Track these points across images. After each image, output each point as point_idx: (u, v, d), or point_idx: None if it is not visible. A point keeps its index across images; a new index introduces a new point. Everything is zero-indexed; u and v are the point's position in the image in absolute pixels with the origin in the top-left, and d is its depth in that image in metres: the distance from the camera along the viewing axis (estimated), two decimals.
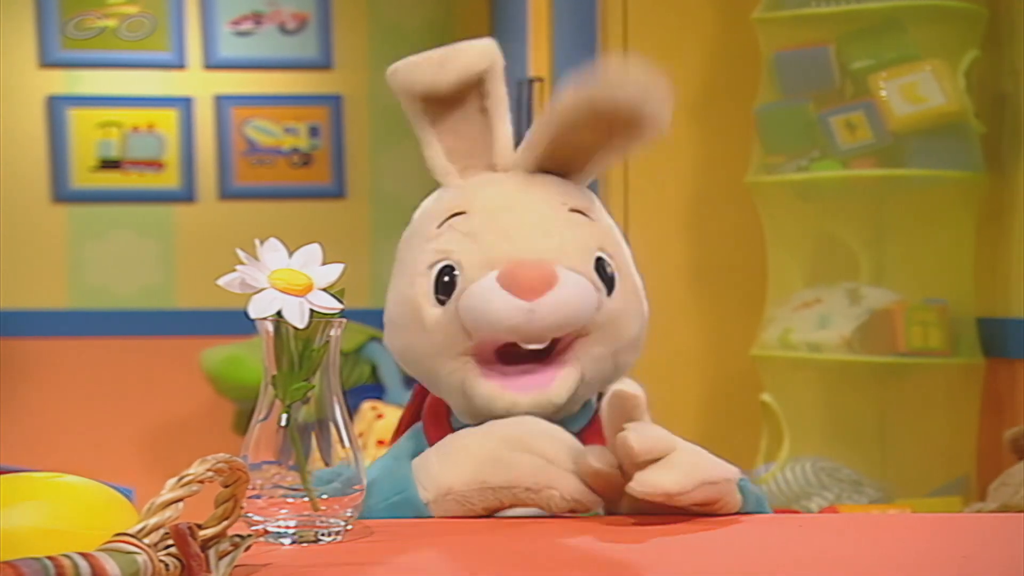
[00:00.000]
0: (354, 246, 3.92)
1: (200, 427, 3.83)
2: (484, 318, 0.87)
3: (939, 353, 2.34)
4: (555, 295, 0.86)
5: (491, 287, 0.86)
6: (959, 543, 0.84)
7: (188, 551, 0.64)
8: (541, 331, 0.87)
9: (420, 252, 0.93)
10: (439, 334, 0.90)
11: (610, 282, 0.91)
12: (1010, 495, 1.99)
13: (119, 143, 3.88)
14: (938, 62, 2.29)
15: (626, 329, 0.92)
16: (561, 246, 0.89)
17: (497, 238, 0.89)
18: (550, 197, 0.92)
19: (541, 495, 0.85)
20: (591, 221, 0.93)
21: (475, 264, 0.89)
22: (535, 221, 0.90)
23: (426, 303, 0.91)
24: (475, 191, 0.94)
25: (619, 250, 0.94)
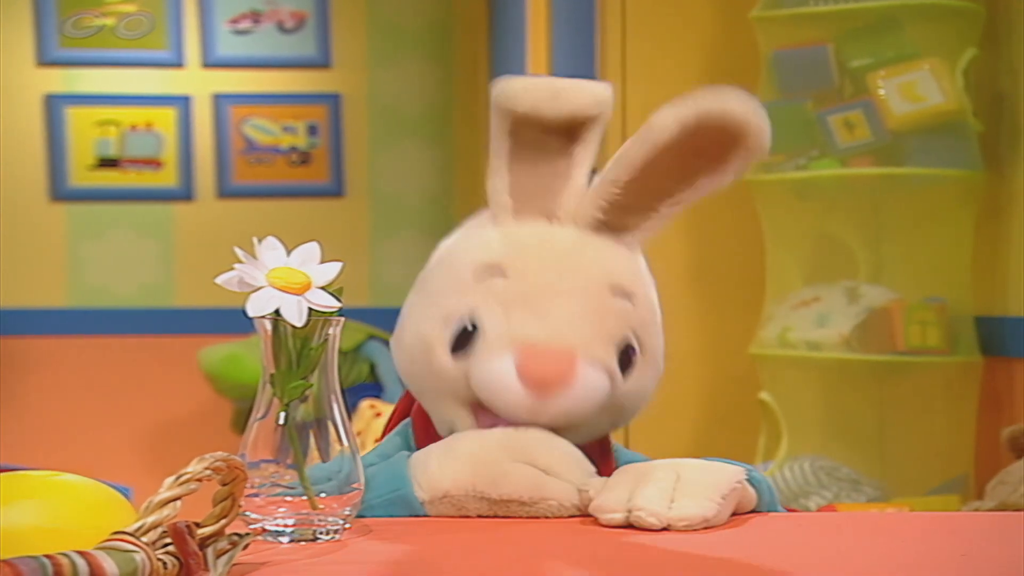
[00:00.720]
0: (352, 245, 3.92)
1: (198, 426, 3.83)
2: (491, 397, 0.87)
3: (937, 352, 2.34)
4: (567, 396, 0.86)
5: (506, 372, 0.86)
6: (957, 541, 0.84)
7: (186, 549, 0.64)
8: (546, 425, 0.87)
9: (447, 295, 0.91)
10: (444, 380, 0.90)
11: (630, 364, 0.91)
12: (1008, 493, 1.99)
13: (117, 142, 3.88)
14: (936, 61, 2.29)
15: (634, 407, 0.93)
16: (590, 337, 0.88)
17: (527, 318, 0.87)
18: (596, 275, 0.89)
19: (536, 507, 0.85)
20: (630, 305, 0.90)
21: (498, 335, 0.88)
22: (571, 307, 0.88)
23: (440, 349, 0.90)
24: (522, 250, 0.90)
25: (651, 329, 0.92)
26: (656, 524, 0.81)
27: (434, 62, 3.96)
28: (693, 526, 0.82)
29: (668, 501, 0.82)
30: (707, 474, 0.86)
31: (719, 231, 2.66)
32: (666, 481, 0.84)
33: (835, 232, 2.51)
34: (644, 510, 0.82)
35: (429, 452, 0.89)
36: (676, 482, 0.84)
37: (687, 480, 0.84)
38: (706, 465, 0.87)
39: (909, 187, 2.41)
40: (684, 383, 2.65)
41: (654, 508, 0.82)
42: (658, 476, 0.85)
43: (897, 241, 2.46)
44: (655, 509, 0.82)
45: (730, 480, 0.86)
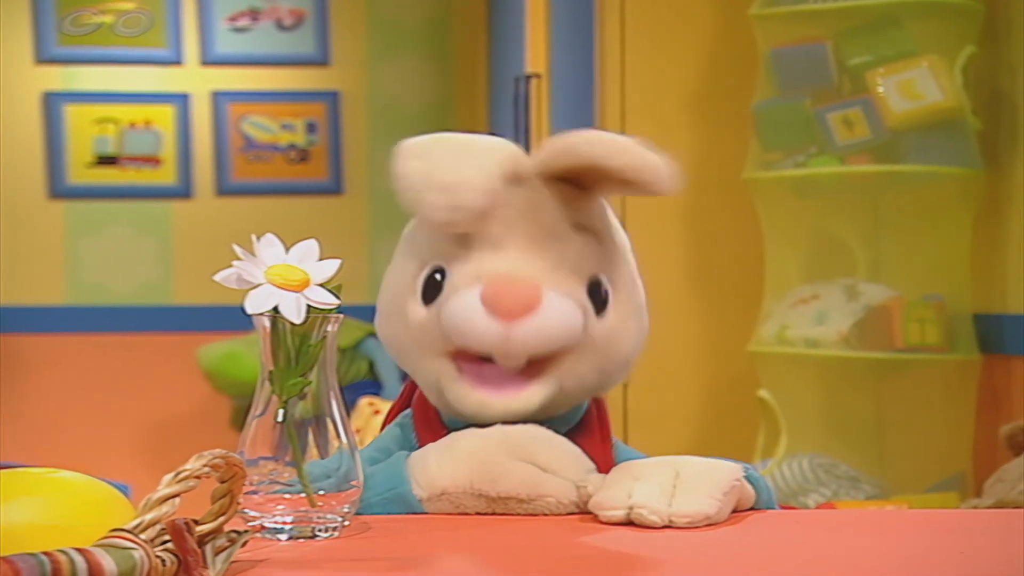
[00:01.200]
0: (351, 242, 3.92)
1: (197, 423, 3.83)
2: (461, 334, 0.87)
3: (936, 349, 2.34)
4: (534, 320, 0.85)
5: (472, 304, 0.86)
6: (955, 539, 0.84)
7: (185, 547, 0.64)
8: (516, 354, 0.86)
9: (417, 248, 0.93)
10: (421, 334, 0.90)
11: (603, 302, 0.90)
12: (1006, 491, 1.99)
13: (116, 139, 3.88)
14: (935, 58, 2.29)
15: (616, 350, 0.91)
16: (554, 266, 0.88)
17: (488, 251, 0.88)
18: (557, 212, 0.90)
19: (534, 504, 0.85)
20: (594, 240, 0.91)
21: (463, 274, 0.88)
22: (532, 236, 0.88)
23: (412, 301, 0.91)
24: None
25: (621, 268, 0.92)
26: (657, 522, 0.82)
27: (433, 59, 3.96)
28: (695, 523, 0.82)
29: (668, 498, 0.82)
30: (707, 471, 0.86)
31: (718, 229, 2.66)
32: (666, 478, 0.84)
33: (834, 230, 2.51)
34: (645, 507, 0.82)
35: (428, 450, 0.89)
36: (676, 479, 0.84)
37: (687, 477, 0.84)
38: (705, 462, 0.88)
39: (908, 185, 2.41)
40: (683, 380, 2.65)
41: (655, 506, 0.82)
42: (658, 473, 0.85)
43: (896, 239, 2.46)
44: (656, 507, 0.82)
45: (730, 477, 0.86)
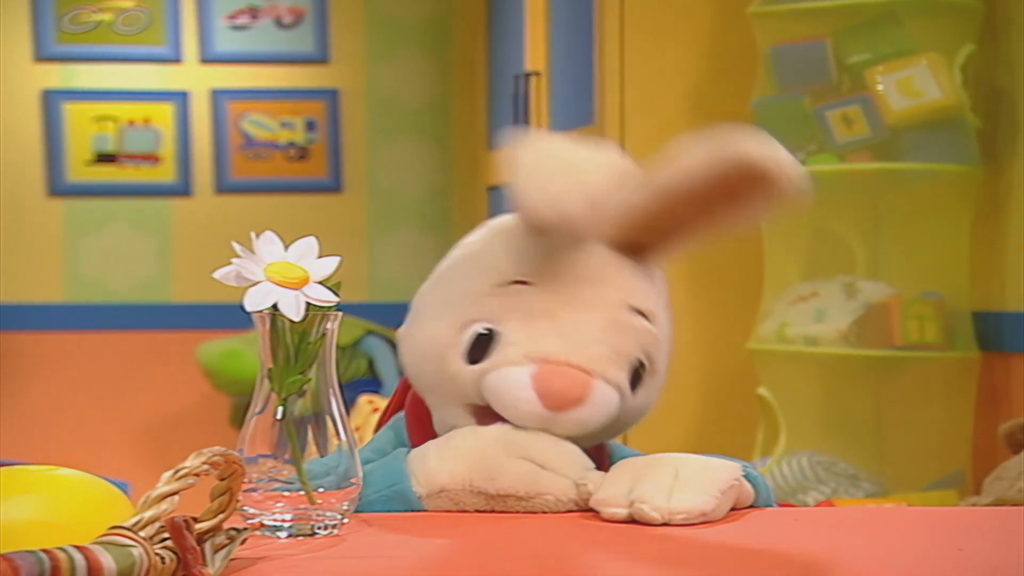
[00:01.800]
0: (351, 240, 3.91)
1: (196, 421, 3.83)
2: (505, 408, 0.87)
3: (935, 347, 2.34)
4: (579, 414, 0.86)
5: (523, 384, 0.86)
6: (954, 537, 0.84)
7: (184, 544, 0.64)
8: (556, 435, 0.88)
9: (467, 299, 0.90)
10: (455, 387, 0.90)
11: (638, 381, 0.91)
12: (1005, 489, 1.99)
13: (115, 137, 3.87)
14: (934, 56, 2.29)
15: (635, 420, 0.93)
16: (606, 356, 0.88)
17: (547, 330, 0.88)
18: (617, 291, 0.89)
19: (533, 502, 0.86)
20: (647, 324, 0.90)
21: (516, 344, 0.88)
22: (591, 327, 0.88)
23: (453, 354, 0.90)
24: (549, 263, 0.89)
25: (661, 348, 0.92)
26: (657, 518, 0.82)
27: (432, 57, 3.96)
28: (691, 520, 0.82)
29: (668, 495, 0.83)
30: (705, 470, 0.86)
31: None
32: (666, 476, 0.85)
33: (833, 227, 2.51)
34: (646, 504, 0.82)
35: (427, 448, 0.89)
36: (675, 477, 0.84)
37: (686, 475, 0.85)
38: (704, 460, 0.88)
39: (907, 182, 2.41)
40: (682, 378, 2.65)
41: (656, 502, 0.82)
42: (657, 471, 0.85)
43: (895, 236, 2.46)
44: (657, 503, 0.82)
45: (728, 476, 0.87)
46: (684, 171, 0.86)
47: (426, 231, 3.94)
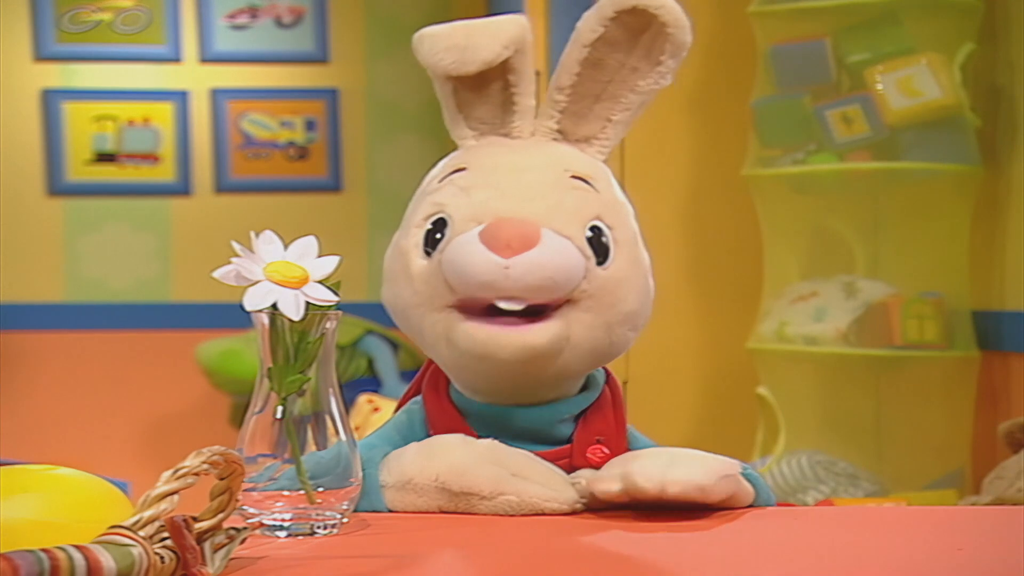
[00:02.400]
0: (350, 239, 3.91)
1: (196, 420, 3.83)
2: (461, 271, 0.87)
3: (934, 346, 2.34)
4: (532, 255, 0.85)
5: (471, 241, 0.86)
6: (953, 536, 0.84)
7: (183, 544, 0.64)
8: (515, 289, 0.85)
9: (419, 204, 0.93)
10: (424, 285, 0.90)
11: (605, 251, 0.90)
12: (1004, 488, 1.99)
13: (115, 136, 3.87)
14: (934, 55, 2.29)
15: (622, 300, 0.90)
16: (552, 209, 0.88)
17: (489, 195, 0.89)
18: (554, 161, 0.92)
19: (495, 502, 0.85)
20: (593, 190, 0.91)
21: (464, 218, 0.89)
22: (530, 182, 0.90)
23: (415, 254, 0.91)
24: (481, 150, 0.94)
25: (623, 223, 0.92)
26: (651, 488, 0.81)
27: None
28: (687, 491, 0.82)
29: (664, 469, 0.83)
30: (702, 458, 0.86)
31: (717, 225, 2.66)
32: (662, 457, 0.85)
33: (833, 227, 2.51)
34: (641, 475, 0.82)
35: (409, 446, 0.90)
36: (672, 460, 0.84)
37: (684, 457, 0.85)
38: (702, 454, 0.88)
39: (906, 182, 2.41)
40: (682, 377, 2.65)
41: (649, 473, 0.82)
42: (655, 454, 0.86)
43: (894, 236, 2.46)
44: (650, 474, 0.82)
45: (725, 466, 0.86)
46: (577, 35, 0.92)
47: None
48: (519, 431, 0.90)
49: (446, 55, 0.93)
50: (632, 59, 0.93)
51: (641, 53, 0.92)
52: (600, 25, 0.91)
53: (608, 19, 0.91)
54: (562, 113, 0.93)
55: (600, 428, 0.91)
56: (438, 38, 0.94)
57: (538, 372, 0.88)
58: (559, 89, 0.93)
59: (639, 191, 3.14)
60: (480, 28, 0.94)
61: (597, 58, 0.92)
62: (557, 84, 0.93)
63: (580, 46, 0.92)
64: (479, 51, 0.92)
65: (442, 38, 0.94)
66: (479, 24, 0.94)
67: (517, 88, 0.94)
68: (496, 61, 0.92)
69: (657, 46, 0.92)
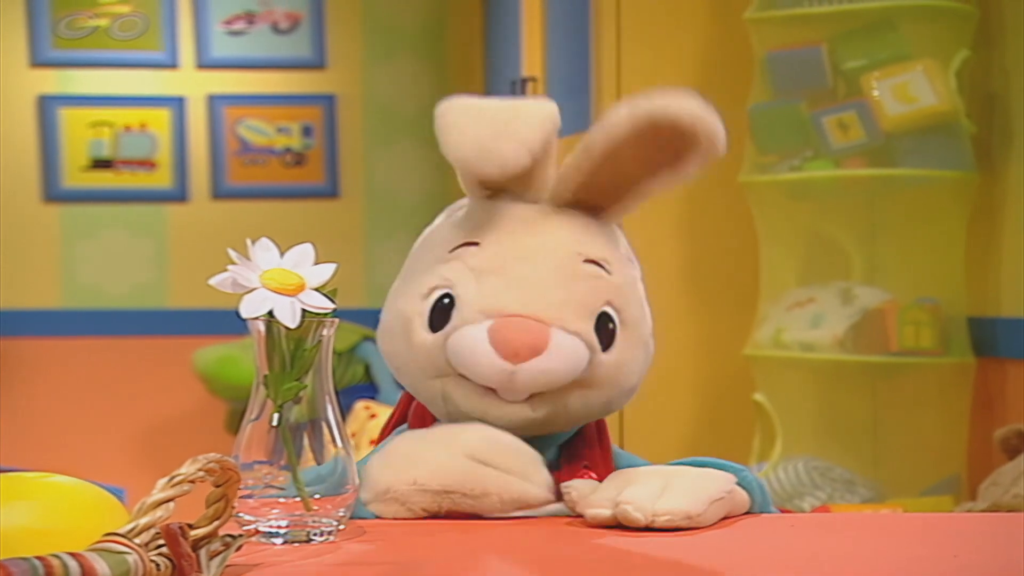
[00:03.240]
0: (347, 246, 3.91)
1: (192, 427, 3.83)
2: (466, 368, 0.88)
3: (931, 353, 2.34)
4: (539, 363, 0.86)
5: (480, 339, 0.87)
6: (949, 542, 0.84)
7: (179, 551, 0.64)
8: (519, 392, 0.87)
9: (426, 271, 0.92)
10: (425, 358, 0.90)
11: (610, 337, 0.90)
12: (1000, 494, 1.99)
13: (111, 143, 3.87)
14: (930, 62, 2.29)
15: (622, 382, 0.91)
16: (563, 304, 0.88)
17: (499, 286, 0.88)
18: (566, 245, 0.90)
19: (480, 501, 0.85)
20: (604, 274, 0.91)
21: (472, 306, 0.88)
22: (543, 273, 0.89)
23: (419, 325, 0.90)
24: (494, 222, 0.91)
25: (630, 301, 0.92)
26: (641, 519, 0.82)
27: (429, 62, 3.96)
28: (675, 520, 0.82)
29: (654, 498, 0.83)
30: (697, 480, 0.86)
31: (713, 232, 2.66)
32: (656, 482, 0.85)
33: (829, 233, 2.51)
34: (631, 504, 0.82)
35: (369, 457, 0.90)
36: (665, 484, 0.84)
37: (676, 484, 0.85)
38: (699, 472, 0.88)
39: (902, 188, 2.41)
40: (678, 384, 2.65)
41: (639, 503, 0.82)
42: (647, 479, 0.85)
43: (890, 242, 2.46)
44: (640, 504, 0.82)
45: (720, 488, 0.86)
46: (607, 129, 0.88)
47: None
48: None
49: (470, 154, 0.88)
50: (658, 157, 0.89)
51: (668, 157, 0.89)
52: (633, 128, 0.87)
53: (643, 127, 0.87)
54: (578, 185, 0.91)
55: (585, 454, 0.92)
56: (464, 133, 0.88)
57: (531, 432, 0.90)
58: (577, 169, 0.90)
59: None
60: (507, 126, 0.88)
61: (623, 151, 0.89)
62: (576, 165, 0.90)
63: (608, 138, 0.88)
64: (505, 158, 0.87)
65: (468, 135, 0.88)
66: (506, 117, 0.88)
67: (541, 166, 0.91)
68: (520, 169, 0.88)
69: (685, 155, 0.89)
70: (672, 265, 2.65)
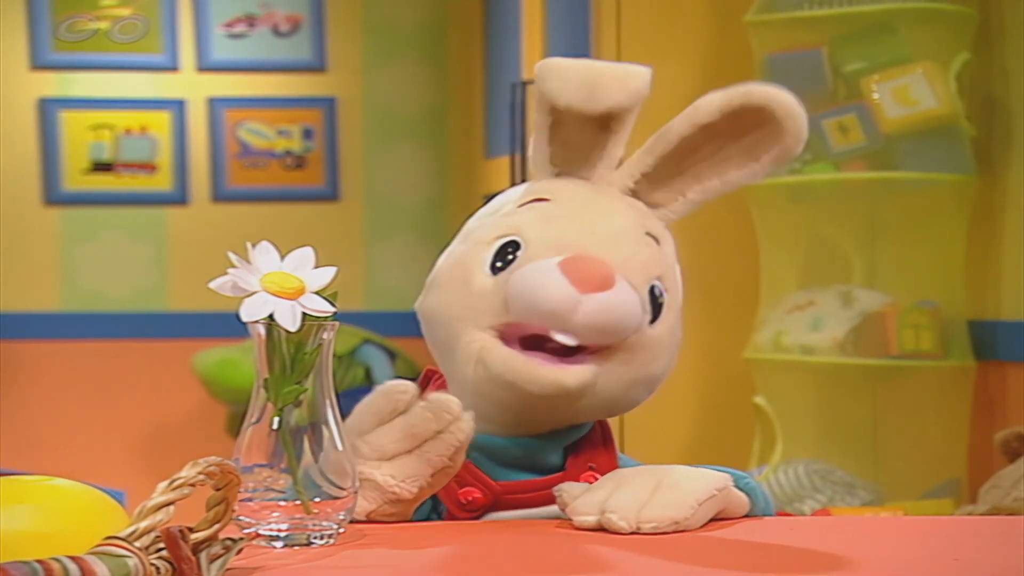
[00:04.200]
0: (348, 249, 3.91)
1: (192, 430, 3.83)
2: (532, 294, 0.86)
3: (931, 356, 2.34)
4: (607, 296, 0.85)
5: (551, 268, 0.85)
6: (950, 546, 0.84)
7: (179, 554, 0.64)
8: (582, 326, 0.85)
9: (491, 225, 0.92)
10: (480, 300, 0.89)
11: (658, 310, 0.91)
12: (1001, 497, 1.99)
13: (111, 145, 3.87)
14: (930, 65, 2.30)
15: (654, 361, 0.92)
16: (629, 259, 0.89)
17: (572, 229, 0.89)
18: (633, 213, 0.92)
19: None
20: (661, 250, 0.93)
21: (544, 244, 0.88)
22: (612, 227, 0.90)
23: (479, 269, 0.90)
24: (565, 186, 0.94)
25: (676, 289, 0.95)
26: (625, 528, 0.82)
27: (429, 65, 3.97)
28: (661, 528, 0.82)
29: (640, 505, 0.82)
30: (688, 480, 0.86)
31: (713, 235, 2.66)
32: (644, 486, 0.84)
33: (829, 236, 2.51)
34: (615, 513, 0.82)
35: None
36: (654, 488, 0.84)
37: (666, 486, 0.84)
38: (689, 471, 0.87)
39: (903, 191, 2.41)
40: (679, 387, 2.65)
41: (624, 512, 0.82)
42: (637, 481, 0.85)
43: (891, 245, 2.47)
44: (625, 513, 0.82)
45: (711, 486, 0.85)
46: (690, 114, 0.91)
47: (423, 240, 3.94)
48: (511, 459, 0.91)
49: (577, 91, 0.90)
50: (731, 150, 0.92)
51: (745, 148, 0.91)
52: (721, 113, 0.90)
53: (731, 111, 0.90)
54: (643, 175, 0.93)
55: (591, 457, 0.91)
56: (569, 71, 0.91)
57: (557, 411, 0.89)
58: (649, 153, 0.93)
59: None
60: (610, 71, 0.92)
61: (699, 139, 0.91)
62: (649, 148, 0.93)
63: (691, 123, 0.91)
64: (610, 94, 0.91)
65: (574, 71, 0.91)
66: (609, 67, 0.93)
67: (616, 137, 0.93)
68: (620, 108, 0.91)
69: (764, 147, 0.90)
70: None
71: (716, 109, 0.90)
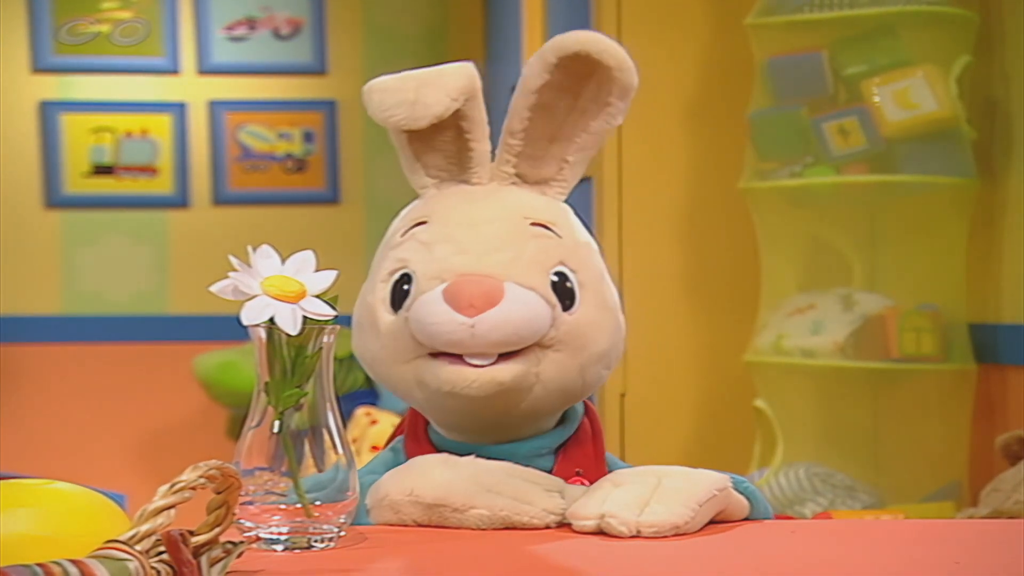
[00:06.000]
0: (348, 252, 3.90)
1: (193, 433, 3.82)
2: (427, 331, 0.87)
3: (932, 359, 2.34)
4: (497, 312, 0.85)
5: (435, 300, 0.87)
6: (951, 549, 0.84)
7: (180, 558, 0.64)
8: (483, 347, 0.86)
9: (384, 259, 0.94)
10: (391, 340, 0.90)
11: (570, 296, 0.90)
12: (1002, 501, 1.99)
13: (112, 148, 3.88)
14: (930, 68, 2.30)
15: (592, 342, 0.91)
16: (514, 261, 0.89)
17: (449, 251, 0.89)
18: (512, 210, 0.92)
19: (467, 515, 0.85)
20: (554, 236, 0.92)
21: (427, 275, 0.89)
22: (490, 234, 0.90)
23: (382, 309, 0.91)
24: (440, 200, 0.94)
25: (586, 264, 0.93)
26: (625, 532, 0.82)
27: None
28: (662, 532, 0.82)
29: (640, 508, 0.82)
30: (686, 482, 0.86)
31: (713, 238, 2.67)
32: (643, 488, 0.84)
33: (829, 239, 2.51)
34: (615, 517, 0.82)
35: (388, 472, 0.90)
36: (654, 489, 0.84)
37: (665, 487, 0.84)
38: (688, 473, 0.87)
39: (903, 194, 2.41)
40: (679, 390, 2.65)
41: (624, 515, 0.82)
42: (636, 483, 0.85)
43: (891, 248, 2.46)
44: (625, 517, 0.82)
45: (710, 487, 0.86)
46: (523, 84, 0.92)
47: None
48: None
49: (396, 110, 0.92)
50: (581, 102, 0.93)
51: (589, 96, 0.92)
52: (545, 72, 0.91)
53: (552, 65, 0.91)
54: (518, 157, 0.93)
55: (579, 460, 0.92)
56: (387, 93, 0.93)
57: (508, 408, 0.89)
58: (512, 133, 0.93)
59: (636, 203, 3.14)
60: (429, 80, 0.92)
61: (546, 103, 0.92)
62: (509, 128, 0.93)
63: (528, 92, 0.92)
64: (429, 106, 0.91)
65: (391, 92, 0.93)
66: (428, 76, 0.93)
67: (471, 135, 0.93)
68: (446, 114, 0.91)
69: (604, 89, 0.92)
70: (673, 271, 2.64)
71: (539, 69, 0.91)
